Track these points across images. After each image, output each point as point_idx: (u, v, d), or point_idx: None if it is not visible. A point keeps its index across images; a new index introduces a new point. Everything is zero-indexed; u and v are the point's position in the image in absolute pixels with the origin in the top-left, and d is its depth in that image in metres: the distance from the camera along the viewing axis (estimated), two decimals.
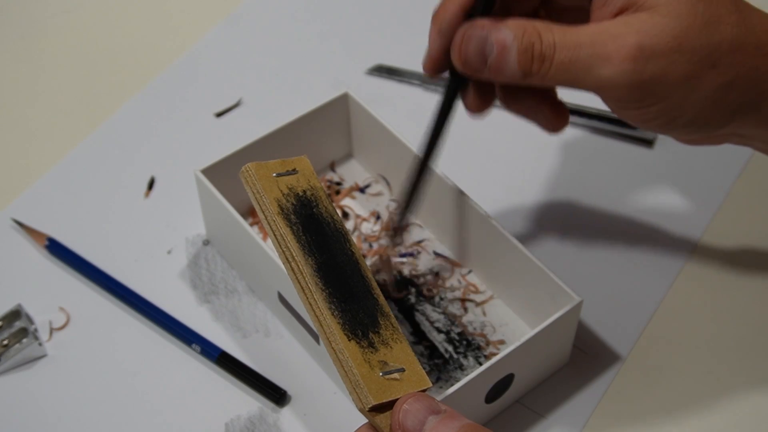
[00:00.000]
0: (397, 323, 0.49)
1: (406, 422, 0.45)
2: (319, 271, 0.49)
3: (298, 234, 0.50)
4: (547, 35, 0.51)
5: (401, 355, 0.48)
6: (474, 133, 0.75)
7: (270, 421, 0.59)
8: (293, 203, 0.51)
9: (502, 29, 0.52)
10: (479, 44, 0.52)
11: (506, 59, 0.52)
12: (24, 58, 0.82)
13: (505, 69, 0.52)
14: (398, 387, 0.47)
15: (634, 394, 0.61)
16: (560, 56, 0.51)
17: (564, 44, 0.51)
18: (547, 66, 0.51)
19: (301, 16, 0.85)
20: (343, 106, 0.68)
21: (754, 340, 0.63)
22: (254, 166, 0.51)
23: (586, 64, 0.51)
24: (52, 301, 0.65)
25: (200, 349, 0.62)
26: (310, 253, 0.49)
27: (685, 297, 0.65)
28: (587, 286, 0.65)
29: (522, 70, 0.52)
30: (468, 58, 0.53)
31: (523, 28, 0.51)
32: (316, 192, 0.52)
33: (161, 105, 0.78)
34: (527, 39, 0.51)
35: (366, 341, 0.48)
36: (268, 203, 0.50)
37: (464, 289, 0.65)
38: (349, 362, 0.46)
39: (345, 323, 0.48)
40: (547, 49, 0.51)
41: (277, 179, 0.51)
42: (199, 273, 0.67)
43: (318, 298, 0.48)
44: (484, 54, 0.52)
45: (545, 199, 0.70)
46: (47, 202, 0.71)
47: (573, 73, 0.51)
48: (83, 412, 0.60)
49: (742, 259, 0.67)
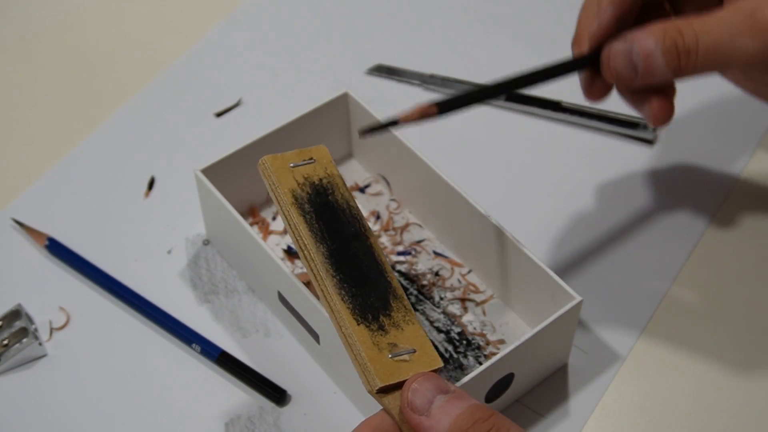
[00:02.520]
0: (410, 305, 0.51)
1: (415, 401, 0.46)
2: (330, 258, 0.50)
3: (311, 222, 0.51)
4: (687, 29, 0.54)
5: (413, 336, 0.49)
6: (474, 132, 0.75)
7: (270, 420, 0.59)
8: (308, 192, 0.53)
9: (643, 36, 0.55)
10: (626, 57, 0.55)
11: (654, 63, 0.55)
12: (24, 58, 0.82)
13: (655, 72, 0.55)
14: (408, 368, 0.48)
15: (634, 394, 0.61)
16: (704, 44, 0.54)
17: (704, 31, 0.54)
18: (693, 57, 0.54)
19: (301, 15, 0.85)
20: (343, 106, 0.68)
21: (754, 340, 0.63)
22: (270, 159, 0.53)
23: (729, 44, 0.53)
24: (52, 301, 0.65)
25: (200, 349, 0.62)
26: (322, 240, 0.51)
27: (685, 296, 0.65)
28: (587, 285, 0.65)
29: (672, 69, 0.55)
30: (619, 73, 0.56)
31: (663, 30, 0.54)
32: (332, 179, 0.54)
33: (161, 105, 0.78)
34: (669, 38, 0.54)
35: (376, 324, 0.49)
36: (282, 194, 0.52)
37: (464, 288, 0.65)
38: (358, 346, 0.48)
39: (355, 308, 0.49)
40: (690, 42, 0.54)
41: (293, 170, 0.53)
42: (199, 273, 0.67)
43: (328, 284, 0.50)
44: (632, 64, 0.55)
45: (545, 198, 0.71)
46: (47, 202, 0.71)
47: (720, 55, 0.54)
48: (83, 411, 0.60)
49: (742, 258, 0.67)
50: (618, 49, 0.56)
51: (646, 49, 0.55)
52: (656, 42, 0.54)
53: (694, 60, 0.54)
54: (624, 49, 0.55)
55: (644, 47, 0.55)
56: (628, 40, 0.55)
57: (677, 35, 0.54)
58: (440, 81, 0.78)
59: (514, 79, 0.56)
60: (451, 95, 0.54)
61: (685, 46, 0.54)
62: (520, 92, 0.77)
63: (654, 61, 0.55)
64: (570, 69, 0.58)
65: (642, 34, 0.55)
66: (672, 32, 0.54)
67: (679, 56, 0.54)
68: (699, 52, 0.54)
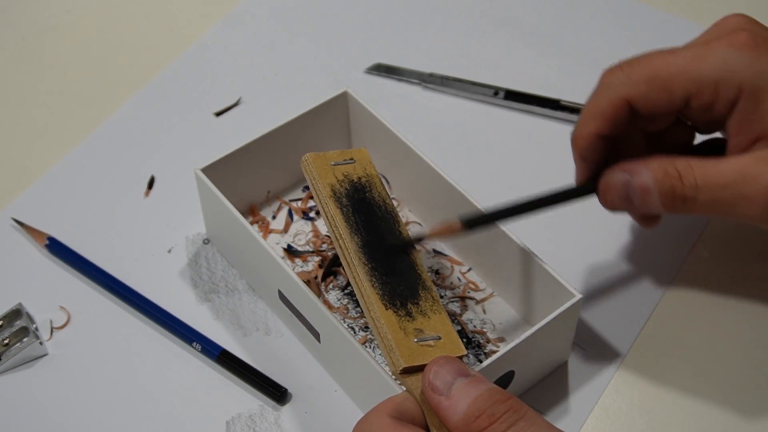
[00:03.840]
0: (438, 297, 0.53)
1: (436, 381, 0.47)
2: (363, 248, 0.54)
3: (348, 215, 0.55)
4: (688, 176, 0.54)
5: (439, 324, 0.52)
6: (474, 131, 0.76)
7: (271, 419, 0.59)
8: (347, 188, 0.57)
9: (642, 173, 0.55)
10: (623, 190, 0.56)
11: (650, 201, 0.55)
12: (24, 58, 0.82)
13: (650, 207, 0.55)
14: (432, 353, 0.50)
15: (634, 392, 0.61)
16: (702, 197, 0.54)
17: (705, 185, 0.53)
18: (690, 205, 0.54)
19: (300, 14, 0.85)
20: (343, 105, 0.69)
21: (753, 338, 0.63)
22: (312, 156, 0.58)
23: (728, 204, 0.53)
24: (53, 300, 0.65)
25: (201, 348, 0.62)
26: (357, 231, 0.55)
27: (685, 295, 0.65)
28: (587, 283, 0.66)
29: (668, 209, 0.55)
30: (614, 204, 0.57)
31: (663, 170, 0.54)
32: (371, 179, 0.58)
33: (161, 104, 0.78)
34: (668, 182, 0.54)
35: (404, 310, 0.52)
36: (321, 188, 0.56)
37: (464, 286, 0.65)
38: (385, 329, 0.51)
39: (384, 294, 0.52)
40: (689, 191, 0.54)
41: (334, 167, 0.57)
42: (200, 271, 0.67)
43: (360, 271, 0.53)
44: (628, 198, 0.56)
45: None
46: (47, 202, 0.71)
47: (716, 210, 0.54)
48: (84, 410, 0.60)
49: (742, 257, 0.67)
50: (616, 182, 0.56)
51: (643, 185, 0.54)
52: (654, 181, 0.54)
53: (691, 207, 0.54)
54: (622, 182, 0.55)
55: (641, 183, 0.54)
56: (626, 172, 0.55)
57: (676, 181, 0.54)
58: (439, 80, 0.78)
59: (515, 206, 0.57)
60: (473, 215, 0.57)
61: (683, 194, 0.54)
62: (519, 91, 0.77)
63: (651, 199, 0.55)
64: (572, 197, 0.58)
65: (641, 169, 0.55)
66: (671, 175, 0.54)
67: (675, 201, 0.54)
68: (697, 203, 0.54)
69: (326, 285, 0.65)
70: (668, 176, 0.54)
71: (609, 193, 0.56)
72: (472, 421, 0.46)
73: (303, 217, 0.69)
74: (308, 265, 0.66)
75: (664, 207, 0.55)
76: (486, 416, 0.45)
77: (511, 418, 0.45)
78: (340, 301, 0.64)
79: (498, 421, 0.45)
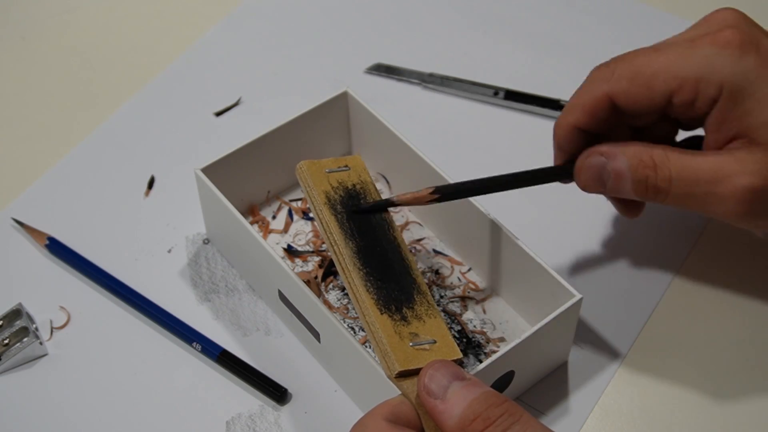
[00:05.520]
0: (434, 301, 0.53)
1: (431, 385, 0.47)
2: (358, 254, 0.54)
3: (342, 221, 0.55)
4: (663, 168, 0.54)
5: (434, 328, 0.52)
6: (473, 131, 0.76)
7: (271, 419, 0.59)
8: (341, 195, 0.57)
9: (618, 158, 0.55)
10: (597, 172, 0.56)
11: (623, 186, 0.56)
12: (24, 58, 0.82)
13: (622, 192, 0.56)
14: (427, 356, 0.50)
15: (634, 392, 0.61)
16: (675, 190, 0.54)
17: (680, 179, 0.54)
18: (662, 197, 0.55)
19: (300, 15, 0.85)
20: (343, 105, 0.69)
21: (754, 338, 0.63)
22: (307, 164, 0.58)
23: (700, 200, 0.54)
24: (53, 300, 0.65)
25: (201, 348, 0.62)
26: (351, 237, 0.55)
27: (686, 294, 0.65)
28: (587, 283, 0.66)
29: (639, 197, 0.55)
30: (588, 185, 0.58)
31: (638, 158, 0.55)
32: (365, 186, 0.58)
33: (161, 104, 0.78)
34: (642, 172, 0.55)
35: (398, 315, 0.52)
36: (316, 195, 0.56)
37: (464, 286, 0.65)
38: (380, 333, 0.51)
39: (379, 299, 0.52)
40: (662, 183, 0.54)
41: (329, 175, 0.57)
42: (200, 272, 0.67)
43: (355, 276, 0.53)
44: (602, 180, 0.56)
45: (545, 196, 0.70)
46: (47, 202, 0.71)
47: (687, 204, 0.55)
48: (84, 410, 0.60)
49: (742, 256, 0.67)
50: (591, 164, 0.57)
51: (618, 170, 0.55)
52: (629, 167, 0.55)
53: (663, 198, 0.55)
54: (597, 164, 0.56)
55: (616, 168, 0.55)
56: (603, 155, 0.56)
57: (650, 171, 0.54)
58: (439, 80, 0.78)
59: (495, 180, 0.58)
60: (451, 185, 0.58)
61: (656, 185, 0.55)
62: (519, 91, 0.77)
63: (623, 184, 0.56)
64: (550, 178, 0.59)
65: (618, 154, 0.55)
66: (646, 164, 0.54)
67: (647, 190, 0.55)
68: (669, 195, 0.55)
69: (326, 285, 0.65)
70: (643, 165, 0.55)
71: (583, 174, 0.57)
72: (467, 424, 0.46)
73: (303, 217, 0.69)
74: (308, 265, 0.66)
75: (636, 194, 0.55)
76: (481, 420, 0.45)
77: (507, 421, 0.45)
78: (340, 301, 0.64)
79: (493, 424, 0.45)
